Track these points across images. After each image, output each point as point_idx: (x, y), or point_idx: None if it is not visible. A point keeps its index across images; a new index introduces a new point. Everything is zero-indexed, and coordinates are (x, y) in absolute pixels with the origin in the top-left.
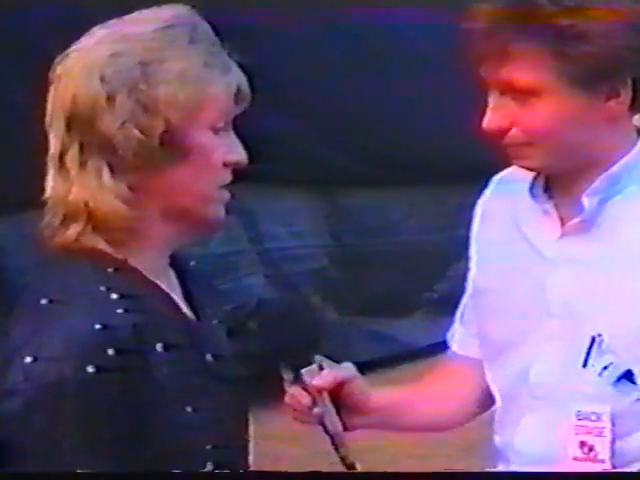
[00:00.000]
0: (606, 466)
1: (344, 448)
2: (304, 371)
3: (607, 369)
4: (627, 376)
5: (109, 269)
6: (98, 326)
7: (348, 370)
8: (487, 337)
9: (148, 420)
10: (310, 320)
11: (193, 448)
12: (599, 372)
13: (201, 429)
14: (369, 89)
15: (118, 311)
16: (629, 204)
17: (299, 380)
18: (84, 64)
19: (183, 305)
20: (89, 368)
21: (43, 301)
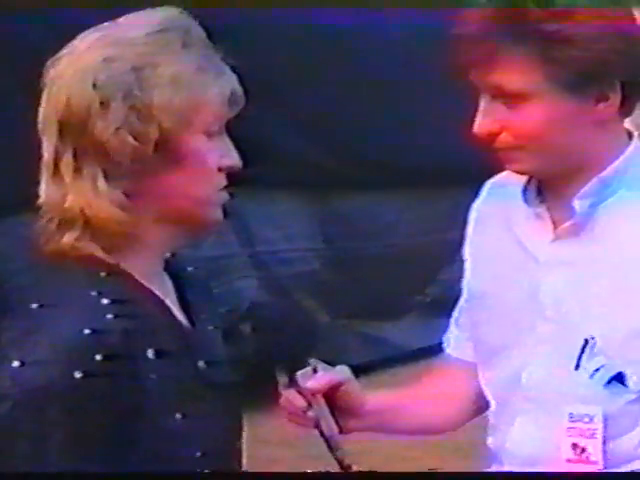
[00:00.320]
0: (598, 467)
1: (340, 450)
2: (299, 374)
3: (599, 371)
4: (618, 378)
5: (102, 273)
6: (87, 331)
7: (342, 373)
8: (481, 340)
9: (136, 426)
10: (302, 323)
11: (181, 455)
12: (591, 374)
13: (190, 436)
14: (361, 94)
15: (108, 316)
16: (620, 207)
17: (294, 383)
18: (77, 69)
19: (177, 310)
20: (76, 373)
21: (34, 305)
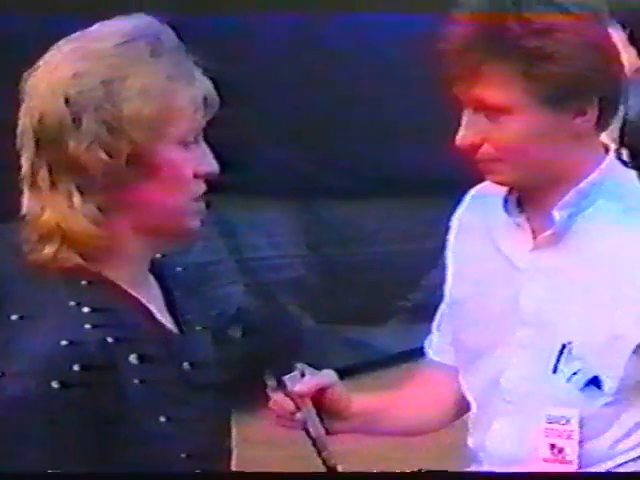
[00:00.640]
0: (574, 467)
1: (326, 451)
2: (287, 378)
3: (576, 375)
4: (594, 382)
5: (82, 282)
6: (64, 342)
7: (329, 377)
8: (462, 345)
9: (118, 431)
10: (289, 327)
11: (167, 457)
12: (568, 378)
13: (175, 438)
14: (346, 105)
15: (86, 326)
16: (598, 217)
17: (282, 386)
18: (49, 83)
19: (161, 314)
20: (54, 384)
21: (14, 317)
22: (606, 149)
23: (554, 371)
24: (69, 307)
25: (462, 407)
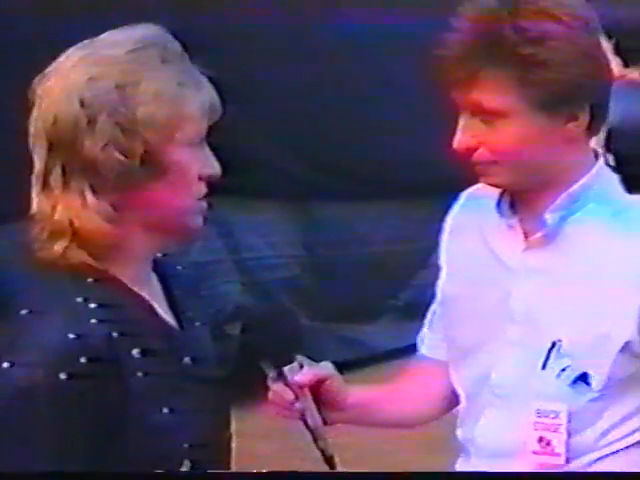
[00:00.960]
0: (561, 459)
1: (323, 441)
2: (286, 369)
3: (565, 371)
4: (583, 378)
5: (89, 279)
6: (72, 336)
7: (327, 369)
8: (454, 341)
9: (122, 422)
10: (285, 325)
11: (170, 446)
12: (557, 374)
13: (178, 428)
14: (341, 107)
15: (92, 321)
16: (588, 220)
17: (281, 377)
18: (64, 86)
19: (163, 311)
20: (61, 375)
21: (23, 312)
22: (596, 154)
23: (543, 367)
24: (76, 303)
25: (452, 401)
